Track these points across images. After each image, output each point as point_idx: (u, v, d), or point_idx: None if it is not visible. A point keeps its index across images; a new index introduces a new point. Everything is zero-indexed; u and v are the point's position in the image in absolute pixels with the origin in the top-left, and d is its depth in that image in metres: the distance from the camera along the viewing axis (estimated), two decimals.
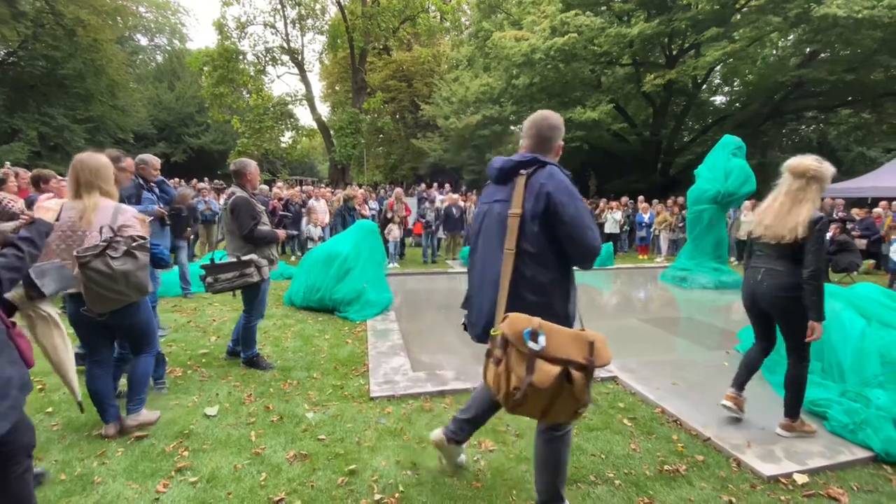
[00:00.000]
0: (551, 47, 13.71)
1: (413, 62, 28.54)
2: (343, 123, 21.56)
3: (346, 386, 3.36)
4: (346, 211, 7.50)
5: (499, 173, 1.84)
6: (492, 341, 1.65)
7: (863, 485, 2.33)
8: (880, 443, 2.56)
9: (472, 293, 1.97)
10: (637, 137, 18.84)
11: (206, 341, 4.29)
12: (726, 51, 13.06)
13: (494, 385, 1.61)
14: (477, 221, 1.96)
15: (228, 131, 30.41)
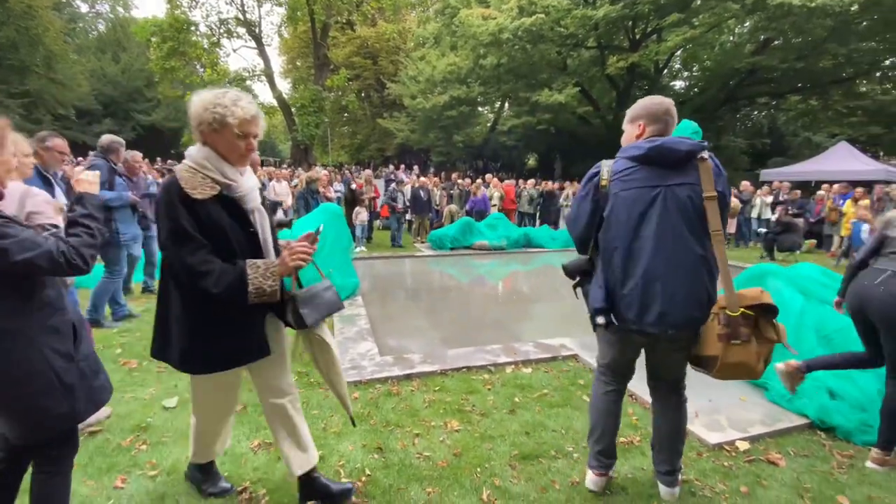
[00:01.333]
0: (519, 27, 13.63)
1: (378, 38, 27.68)
2: (305, 101, 20.79)
3: (311, 373, 3.32)
4: (308, 194, 7.30)
5: (672, 155, 1.73)
6: (732, 323, 1.67)
7: (799, 450, 2.54)
8: (815, 411, 2.79)
9: (648, 282, 1.75)
10: (601, 121, 19.20)
11: None
12: (686, 37, 13.40)
13: (748, 362, 1.69)
14: (639, 206, 1.75)
15: (182, 108, 28.77)
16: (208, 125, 1.53)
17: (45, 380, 1.37)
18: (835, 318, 3.26)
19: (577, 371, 3.54)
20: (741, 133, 24.34)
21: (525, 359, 3.66)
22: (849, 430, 2.65)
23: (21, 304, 1.35)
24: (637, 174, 1.77)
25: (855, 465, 2.41)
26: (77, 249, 1.40)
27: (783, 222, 9.07)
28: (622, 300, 1.80)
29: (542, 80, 16.72)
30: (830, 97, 17.28)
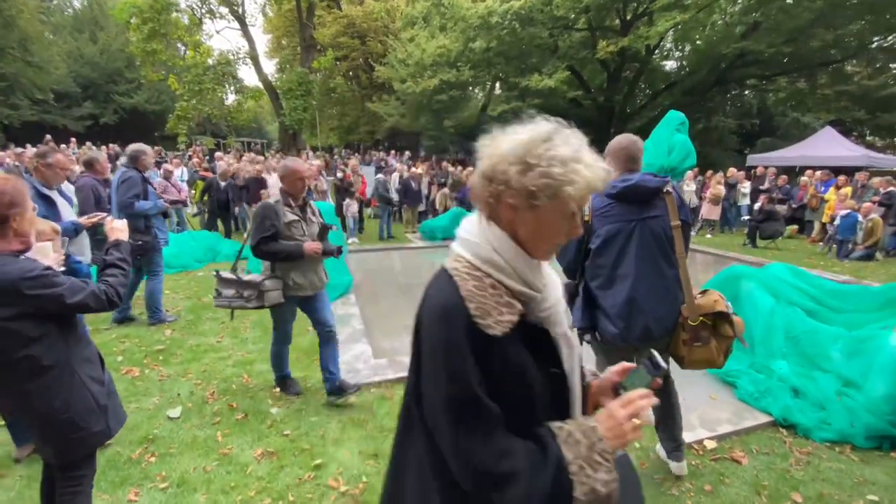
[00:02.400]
0: (508, 10, 13.43)
1: (366, 17, 26.97)
2: (292, 85, 20.39)
3: (308, 377, 3.48)
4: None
5: (643, 192, 2.04)
6: (692, 330, 2.06)
7: (762, 447, 2.76)
8: (779, 409, 3.01)
9: (633, 303, 2.03)
10: (592, 103, 19.13)
11: (160, 335, 4.24)
12: (676, 21, 13.31)
13: (710, 358, 2.08)
14: (620, 239, 2.05)
15: (165, 90, 28.01)
16: (525, 195, 0.82)
17: (87, 404, 1.60)
18: (802, 320, 3.47)
19: None
20: (731, 114, 24.39)
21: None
22: (808, 428, 2.88)
23: (63, 341, 1.57)
24: (614, 210, 2.08)
25: (811, 461, 2.63)
26: (115, 288, 1.66)
27: (766, 210, 9.30)
28: (610, 320, 2.08)
29: (532, 64, 16.56)
30: (817, 80, 17.37)
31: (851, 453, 2.71)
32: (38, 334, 1.48)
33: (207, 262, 7.18)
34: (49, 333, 1.51)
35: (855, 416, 2.83)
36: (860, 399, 2.89)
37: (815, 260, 8.38)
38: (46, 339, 1.51)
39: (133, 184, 4.06)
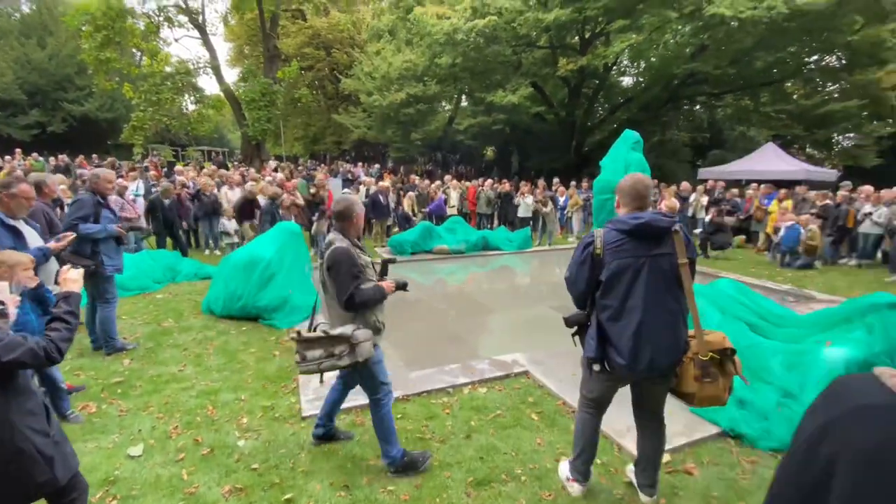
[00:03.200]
0: (472, 28, 13.78)
1: (331, 29, 26.92)
2: (255, 95, 19.99)
3: (276, 406, 3.45)
4: (275, 209, 7.21)
5: (655, 231, 2.14)
6: (703, 366, 2.15)
7: (712, 458, 2.95)
8: (727, 421, 3.23)
9: (640, 336, 2.11)
10: (555, 117, 19.78)
11: (118, 366, 4.08)
12: (631, 41, 14.05)
13: (718, 395, 2.18)
14: (630, 273, 2.13)
15: (119, 97, 26.90)
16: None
17: (29, 457, 1.58)
18: (746, 334, 3.74)
19: (527, 388, 3.85)
20: (684, 127, 25.80)
21: (481, 378, 3.93)
22: (754, 438, 3.10)
23: (2, 396, 1.54)
24: (626, 245, 2.16)
25: (756, 470, 2.84)
26: (56, 343, 1.63)
27: (715, 223, 9.88)
28: (618, 350, 2.17)
29: (497, 80, 17.02)
30: (760, 98, 18.70)
31: None
32: None
33: (167, 283, 6.93)
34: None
35: (794, 425, 3.05)
36: (798, 409, 3.14)
37: (761, 269, 8.97)
38: None
39: (82, 206, 3.91)
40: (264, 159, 21.78)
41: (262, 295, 5.24)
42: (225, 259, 5.91)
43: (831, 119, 17.56)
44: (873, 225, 8.75)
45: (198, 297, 6.09)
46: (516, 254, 10.44)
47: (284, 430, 3.13)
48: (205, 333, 4.91)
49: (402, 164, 25.92)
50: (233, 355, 4.37)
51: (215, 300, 5.43)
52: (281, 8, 21.06)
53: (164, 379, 3.85)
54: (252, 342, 4.71)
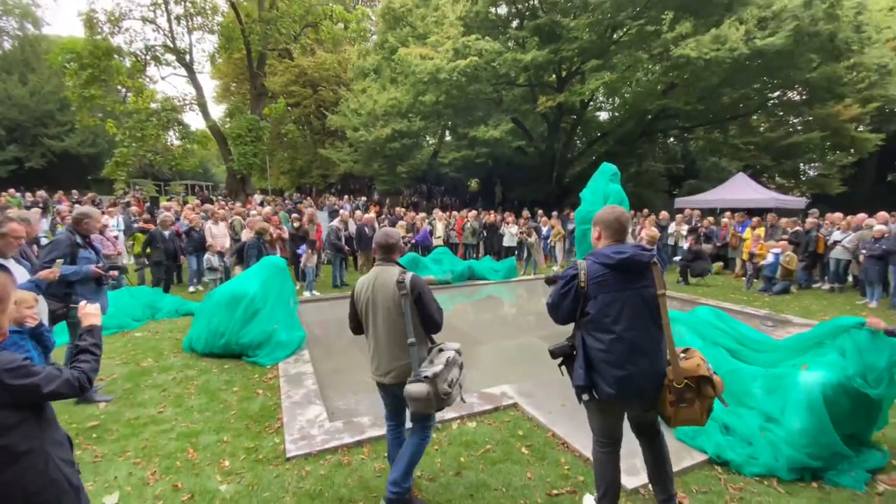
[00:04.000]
0: (455, 68, 14.35)
1: (318, 67, 27.64)
2: (242, 131, 20.21)
3: (259, 447, 3.36)
4: (261, 244, 7.19)
5: (638, 265, 2.25)
6: (677, 392, 2.23)
7: (700, 486, 2.96)
8: (713, 447, 3.26)
9: (627, 366, 2.20)
10: (535, 150, 20.42)
11: (93, 409, 3.93)
12: (605, 80, 14.80)
13: (694, 418, 2.26)
14: (616, 306, 2.22)
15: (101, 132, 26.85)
16: None
17: (60, 487, 1.61)
18: (727, 360, 3.82)
19: (517, 421, 3.83)
20: (659, 159, 26.82)
21: (470, 412, 3.90)
22: (739, 464, 3.13)
23: (36, 426, 1.58)
24: (611, 278, 2.25)
25: (744, 497, 2.85)
26: (87, 374, 1.73)
27: (693, 251, 10.17)
28: (605, 380, 2.24)
29: (479, 117, 17.62)
30: (729, 132, 19.68)
31: (778, 486, 2.97)
32: (15, 421, 1.50)
33: (147, 320, 6.78)
34: (26, 420, 1.53)
35: (777, 450, 3.11)
36: (780, 433, 3.19)
37: (740, 295, 9.20)
38: (24, 425, 1.52)
39: (56, 246, 3.80)
40: (249, 193, 21.80)
41: (247, 331, 5.16)
42: (208, 295, 5.83)
43: (796, 150, 18.51)
44: (845, 251, 9.11)
45: (179, 334, 5.96)
46: (502, 283, 10.53)
47: (268, 473, 3.04)
48: (185, 372, 4.79)
49: (388, 195, 26.19)
50: (214, 395, 4.26)
51: (197, 338, 5.32)
52: (268, 48, 21.61)
53: (142, 421, 3.73)
54: (235, 380, 4.61)
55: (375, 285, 2.61)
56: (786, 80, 16.30)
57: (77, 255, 3.89)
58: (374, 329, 2.63)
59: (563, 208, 16.75)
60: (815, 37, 13.33)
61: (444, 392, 2.43)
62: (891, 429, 3.54)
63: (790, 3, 13.16)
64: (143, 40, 20.30)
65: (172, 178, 36.20)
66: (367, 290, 2.63)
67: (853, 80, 15.63)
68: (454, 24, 15.39)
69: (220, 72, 30.97)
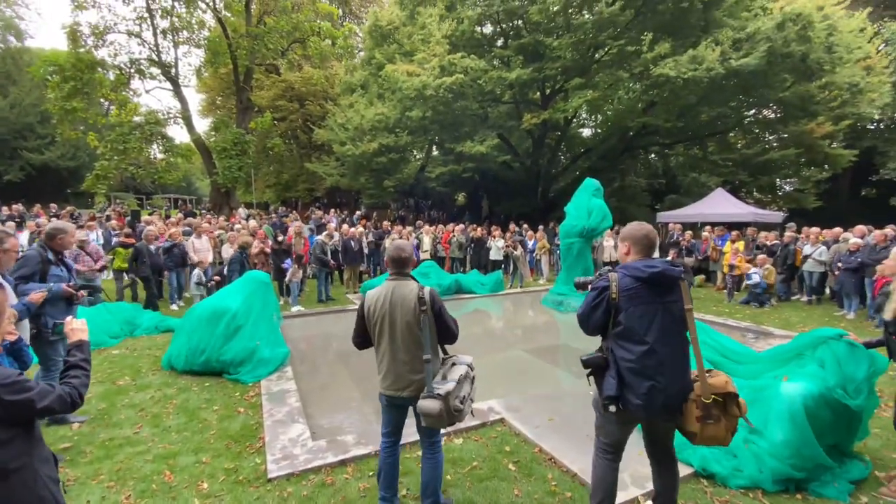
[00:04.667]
0: (441, 85, 14.55)
1: (304, 83, 27.74)
2: (227, 144, 20.10)
3: (240, 468, 3.25)
4: (245, 258, 7.08)
5: (668, 280, 2.27)
6: (705, 408, 2.22)
7: (687, 500, 2.95)
8: (698, 460, 3.26)
9: (655, 379, 2.22)
10: (521, 165, 20.70)
11: (66, 430, 3.78)
12: (588, 98, 15.16)
13: (719, 436, 2.24)
14: (646, 319, 2.25)
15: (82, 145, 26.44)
16: None
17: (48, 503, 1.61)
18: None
19: (504, 436, 3.79)
20: (641, 174, 27.38)
21: (456, 428, 3.85)
22: (725, 476, 3.14)
23: (27, 443, 1.57)
24: (642, 292, 2.28)
25: None
26: (78, 390, 1.73)
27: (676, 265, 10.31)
28: (634, 391, 2.25)
29: (465, 132, 17.85)
30: (708, 148, 20.26)
31: (763, 498, 2.98)
32: (7, 437, 1.50)
33: (124, 338, 6.59)
34: (18, 436, 1.53)
35: (761, 461, 3.14)
36: (764, 445, 3.21)
37: (722, 307, 9.35)
38: (15, 441, 1.52)
39: (25, 263, 3.57)
40: (234, 207, 21.59)
41: (228, 348, 5.05)
42: (189, 311, 5.69)
43: (772, 166, 19.09)
44: (816, 264, 9.35)
45: (158, 351, 5.80)
46: (489, 297, 10.53)
47: (248, 496, 2.95)
48: (164, 391, 4.64)
49: (375, 209, 26.16)
50: (194, 414, 4.13)
51: (177, 355, 5.19)
52: (255, 63, 21.67)
53: (117, 443, 3.59)
54: (215, 399, 4.48)
55: (393, 300, 2.56)
56: (761, 98, 16.90)
57: (48, 272, 3.70)
58: (390, 344, 2.59)
59: (548, 222, 16.93)
60: (788, 57, 13.89)
61: (455, 408, 2.44)
62: (872, 439, 3.60)
63: (763, 25, 13.72)
64: (128, 53, 20.24)
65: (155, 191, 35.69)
66: (383, 304, 2.58)
67: (826, 99, 16.26)
68: (440, 43, 15.66)
69: (206, 85, 30.85)
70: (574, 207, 9.11)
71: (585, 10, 15.35)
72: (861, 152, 20.39)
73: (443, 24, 16.19)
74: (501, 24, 17.33)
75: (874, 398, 3.28)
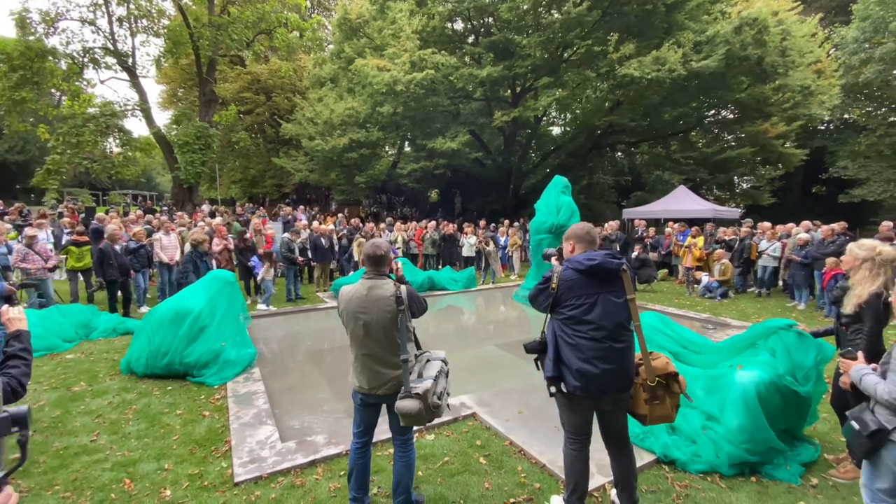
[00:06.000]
0: (412, 80, 14.45)
1: (271, 75, 26.96)
2: (189, 138, 19.30)
3: (205, 473, 3.17)
4: (197, 257, 6.80)
5: (607, 271, 2.40)
6: (651, 390, 2.41)
7: (650, 485, 3.07)
8: (660, 447, 3.40)
9: (593, 363, 2.36)
10: (492, 163, 20.84)
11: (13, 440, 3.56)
12: (557, 97, 15.41)
13: (666, 414, 2.45)
14: (585, 308, 2.39)
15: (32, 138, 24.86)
16: None
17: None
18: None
19: (475, 431, 3.84)
20: (608, 172, 28.09)
21: (428, 425, 3.86)
22: (685, 462, 3.28)
23: None
24: (582, 282, 2.44)
25: (689, 494, 2.99)
26: (18, 379, 1.72)
27: (640, 259, 10.69)
28: (573, 375, 2.41)
29: (437, 128, 17.79)
30: (671, 147, 21.00)
31: (720, 481, 3.13)
32: None
33: (80, 341, 6.27)
34: None
35: (718, 447, 3.30)
36: (721, 431, 3.38)
37: (683, 300, 9.74)
38: None
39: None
40: (197, 203, 20.80)
41: (192, 350, 4.88)
42: (149, 312, 5.47)
43: (730, 164, 19.97)
44: (771, 259, 9.86)
45: (116, 355, 5.56)
46: (462, 293, 10.59)
47: (214, 500, 2.87)
48: (123, 396, 4.45)
49: (346, 206, 25.76)
50: (156, 419, 3.98)
51: (136, 358, 4.97)
52: (219, 54, 20.87)
53: (72, 451, 3.42)
54: (179, 403, 4.33)
55: (369, 299, 2.54)
56: (720, 99, 17.64)
57: None
58: (366, 342, 2.57)
59: (519, 218, 17.15)
60: (745, 60, 14.52)
61: (434, 405, 2.48)
62: (821, 423, 3.84)
63: (722, 28, 14.29)
64: (81, 42, 19.07)
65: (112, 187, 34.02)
66: (360, 304, 2.56)
67: (779, 101, 17.12)
68: (411, 38, 15.53)
69: (166, 76, 29.53)
70: (543, 204, 9.25)
71: (554, 10, 15.52)
72: (812, 151, 21.61)
73: (413, 20, 16.05)
74: (472, 21, 17.32)
75: (822, 384, 3.48)
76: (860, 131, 21.70)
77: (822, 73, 18.00)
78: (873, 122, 20.96)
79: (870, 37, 18.04)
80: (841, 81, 18.78)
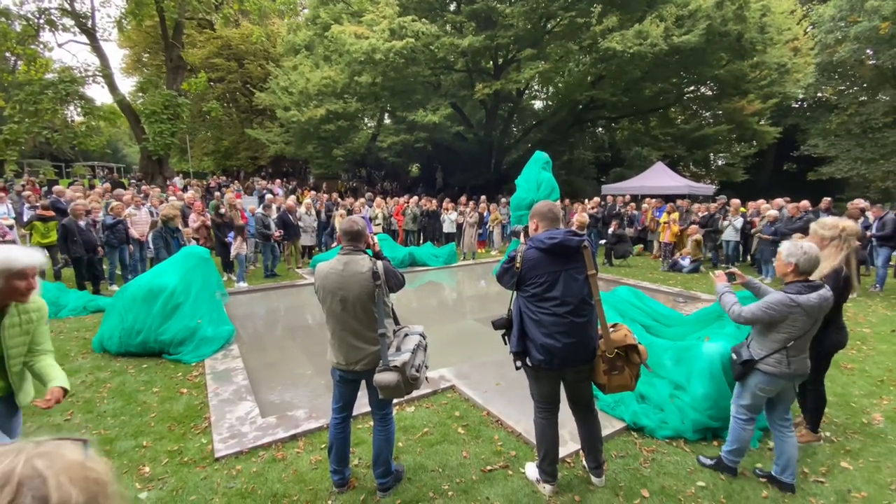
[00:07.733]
0: (391, 49, 14.02)
1: (243, 40, 25.70)
2: (157, 107, 18.42)
3: (184, 450, 3.17)
4: (167, 233, 6.57)
5: (567, 249, 2.47)
6: (609, 361, 2.52)
7: (619, 451, 3.23)
8: (630, 415, 3.56)
9: (556, 337, 2.45)
10: (474, 137, 20.65)
11: None
12: (540, 69, 15.22)
13: (625, 384, 2.56)
14: (547, 284, 2.47)
15: None
16: None
17: None
18: (642, 335, 4.16)
19: (454, 402, 3.93)
20: (588, 147, 28.23)
21: (409, 397, 3.93)
22: (652, 429, 3.45)
23: None
24: (544, 261, 2.51)
25: (655, 458, 3.15)
26: None
27: (617, 234, 10.89)
28: (537, 349, 2.51)
29: (418, 100, 17.43)
30: (650, 123, 21.17)
31: (685, 446, 3.31)
32: None
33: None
34: None
35: (684, 413, 3.47)
36: (686, 399, 3.55)
37: (657, 274, 10.02)
38: None
39: None
40: (168, 176, 20.06)
41: (167, 327, 4.80)
42: (121, 289, 5.33)
43: (706, 141, 20.33)
44: (733, 232, 10.17)
45: (88, 333, 5.43)
46: (443, 269, 10.64)
47: (194, 476, 2.89)
48: (96, 375, 4.38)
49: (325, 180, 25.25)
50: (131, 397, 3.94)
51: (109, 336, 4.87)
52: (185, 16, 19.77)
53: (45, 431, 3.37)
54: (155, 380, 4.28)
55: (345, 275, 2.53)
56: (699, 75, 17.76)
57: None
58: (343, 318, 2.56)
59: (500, 193, 17.17)
60: (725, 36, 14.58)
61: (412, 377, 2.51)
62: None
63: (704, 3, 14.24)
64: (36, 2, 17.85)
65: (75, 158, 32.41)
66: (336, 280, 2.54)
67: (756, 78, 17.35)
68: (389, 4, 14.98)
69: (129, 40, 27.82)
70: (524, 180, 9.24)
71: None
72: (785, 129, 22.12)
73: None
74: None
75: None
76: (832, 110, 22.25)
77: (798, 52, 18.25)
78: (845, 101, 21.51)
79: (846, 15, 18.28)
80: (816, 60, 19.09)
